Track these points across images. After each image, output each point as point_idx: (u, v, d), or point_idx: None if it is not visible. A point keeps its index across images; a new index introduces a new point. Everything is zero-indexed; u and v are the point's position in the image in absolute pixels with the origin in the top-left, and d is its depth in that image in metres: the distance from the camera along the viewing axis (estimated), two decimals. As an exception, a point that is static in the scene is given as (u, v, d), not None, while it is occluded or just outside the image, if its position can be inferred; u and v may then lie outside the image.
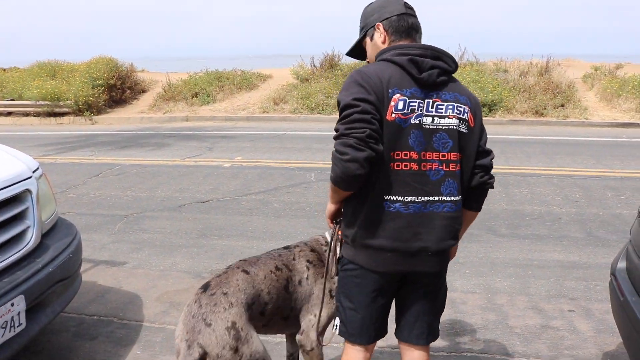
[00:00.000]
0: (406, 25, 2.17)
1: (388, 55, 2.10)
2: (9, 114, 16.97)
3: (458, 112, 2.10)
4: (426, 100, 2.07)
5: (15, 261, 2.81)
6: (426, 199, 2.08)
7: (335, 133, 2.01)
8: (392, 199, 2.07)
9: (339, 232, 2.30)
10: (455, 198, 2.13)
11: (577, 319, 3.76)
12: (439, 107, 2.08)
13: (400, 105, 2.02)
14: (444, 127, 2.08)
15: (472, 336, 3.52)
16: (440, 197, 2.10)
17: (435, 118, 2.07)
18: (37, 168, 3.24)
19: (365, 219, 2.10)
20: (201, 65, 20.05)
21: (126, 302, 4.09)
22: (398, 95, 2.02)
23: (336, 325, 2.34)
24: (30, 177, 3.05)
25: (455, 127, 2.09)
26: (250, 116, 15.53)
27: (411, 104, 2.04)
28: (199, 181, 7.93)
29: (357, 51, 2.39)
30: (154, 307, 4.00)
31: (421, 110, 2.05)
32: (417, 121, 2.05)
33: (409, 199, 2.07)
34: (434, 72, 2.06)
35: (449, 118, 2.08)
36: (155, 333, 3.63)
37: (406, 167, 2.05)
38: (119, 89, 17.89)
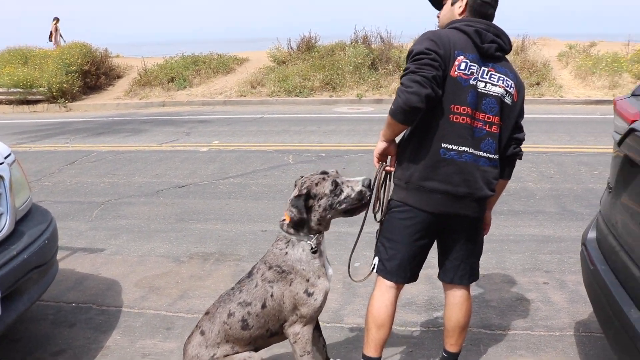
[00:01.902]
0: (484, 12, 2.43)
1: (457, 25, 2.40)
2: (-19, 102, 16.65)
3: (506, 85, 2.41)
4: (482, 68, 2.37)
5: (-11, 249, 2.78)
6: (473, 151, 2.37)
7: (404, 72, 2.28)
8: (448, 147, 2.35)
9: (384, 172, 2.54)
10: (491, 155, 2.43)
11: (551, 291, 3.84)
12: (492, 75, 2.38)
13: (463, 66, 2.32)
14: (493, 94, 2.38)
15: (449, 311, 3.57)
16: (479, 152, 2.39)
17: (488, 84, 2.38)
18: (10, 154, 3.19)
19: (422, 163, 2.38)
20: (177, 49, 19.79)
21: (104, 288, 4.07)
22: (462, 57, 2.32)
23: (374, 265, 2.61)
24: (2, 163, 3.01)
25: (501, 96, 2.40)
26: (228, 100, 15.44)
27: (471, 67, 2.33)
28: (176, 166, 7.89)
29: (436, 2, 2.61)
30: (132, 292, 3.99)
31: (478, 75, 2.35)
32: (474, 83, 2.34)
33: (463, 148, 2.35)
34: (492, 46, 2.38)
35: (499, 87, 2.39)
36: (134, 318, 3.63)
37: (463, 121, 2.34)
38: (93, 75, 17.59)
